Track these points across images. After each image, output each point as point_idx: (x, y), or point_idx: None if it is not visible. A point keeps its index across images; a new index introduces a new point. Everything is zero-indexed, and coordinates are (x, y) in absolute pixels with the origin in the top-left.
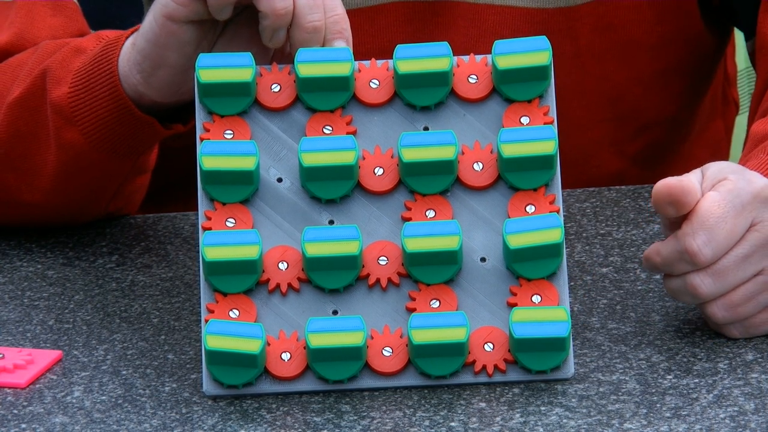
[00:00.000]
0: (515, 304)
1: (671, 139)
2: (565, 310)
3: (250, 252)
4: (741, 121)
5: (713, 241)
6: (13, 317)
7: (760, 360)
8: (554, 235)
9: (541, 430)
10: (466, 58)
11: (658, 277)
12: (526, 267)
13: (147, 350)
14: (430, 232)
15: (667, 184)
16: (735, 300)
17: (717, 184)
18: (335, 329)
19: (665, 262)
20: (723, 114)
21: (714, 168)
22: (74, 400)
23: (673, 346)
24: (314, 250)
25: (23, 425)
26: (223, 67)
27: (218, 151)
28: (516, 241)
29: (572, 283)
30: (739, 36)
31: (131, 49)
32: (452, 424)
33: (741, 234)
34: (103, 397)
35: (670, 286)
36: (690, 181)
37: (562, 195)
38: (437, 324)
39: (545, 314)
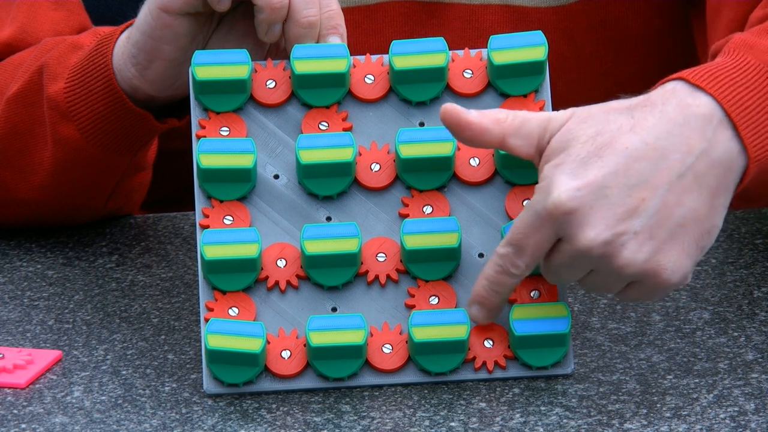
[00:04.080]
0: (514, 301)
1: None
2: (564, 306)
3: (249, 250)
4: None
5: (523, 254)
6: (13, 317)
7: (760, 360)
8: None
9: (541, 430)
10: (460, 52)
11: None
12: None
13: (147, 350)
14: (429, 229)
15: (450, 110)
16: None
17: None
18: (336, 327)
19: (496, 281)
20: None
21: (557, 141)
22: (74, 400)
23: (673, 346)
24: (314, 247)
25: (23, 425)
26: (219, 65)
27: (215, 148)
28: None
29: (572, 283)
30: None
31: (126, 42)
32: (452, 424)
33: (548, 243)
34: (103, 397)
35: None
36: (470, 120)
37: None
38: (438, 321)
39: (545, 311)
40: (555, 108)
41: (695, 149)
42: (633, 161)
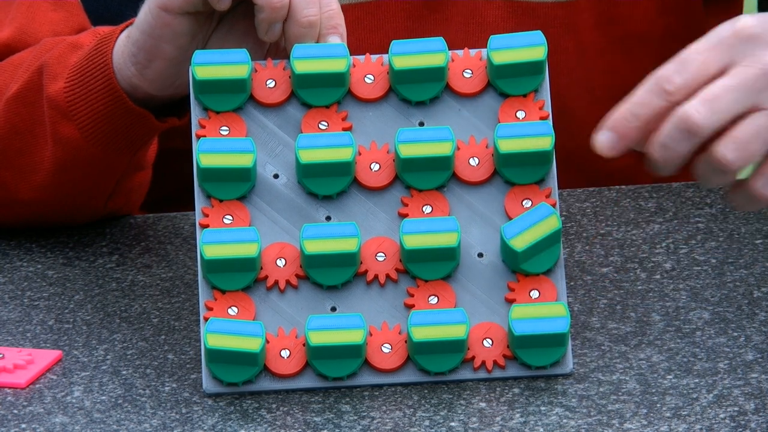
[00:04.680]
0: (513, 300)
1: None
2: (563, 306)
3: (249, 250)
4: None
5: (684, 70)
6: (13, 317)
7: (760, 360)
8: (552, 223)
9: (541, 430)
10: (460, 52)
11: (658, 276)
12: (527, 263)
13: (147, 350)
14: (429, 229)
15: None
16: (740, 136)
17: None
18: (335, 327)
19: (642, 102)
20: None
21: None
22: (74, 400)
23: (673, 346)
24: (313, 247)
25: (23, 425)
26: (219, 64)
27: (215, 148)
28: (520, 243)
29: (572, 283)
30: None
31: (126, 41)
32: (452, 424)
33: (717, 66)
34: (103, 397)
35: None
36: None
37: (563, 194)
38: (437, 321)
39: (544, 310)
40: (554, 108)
41: None
42: None
